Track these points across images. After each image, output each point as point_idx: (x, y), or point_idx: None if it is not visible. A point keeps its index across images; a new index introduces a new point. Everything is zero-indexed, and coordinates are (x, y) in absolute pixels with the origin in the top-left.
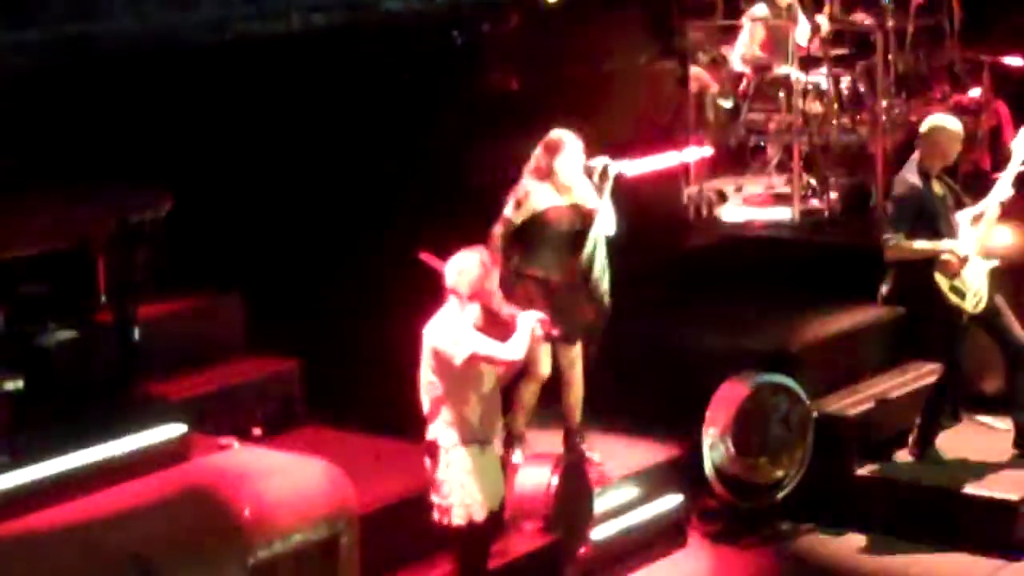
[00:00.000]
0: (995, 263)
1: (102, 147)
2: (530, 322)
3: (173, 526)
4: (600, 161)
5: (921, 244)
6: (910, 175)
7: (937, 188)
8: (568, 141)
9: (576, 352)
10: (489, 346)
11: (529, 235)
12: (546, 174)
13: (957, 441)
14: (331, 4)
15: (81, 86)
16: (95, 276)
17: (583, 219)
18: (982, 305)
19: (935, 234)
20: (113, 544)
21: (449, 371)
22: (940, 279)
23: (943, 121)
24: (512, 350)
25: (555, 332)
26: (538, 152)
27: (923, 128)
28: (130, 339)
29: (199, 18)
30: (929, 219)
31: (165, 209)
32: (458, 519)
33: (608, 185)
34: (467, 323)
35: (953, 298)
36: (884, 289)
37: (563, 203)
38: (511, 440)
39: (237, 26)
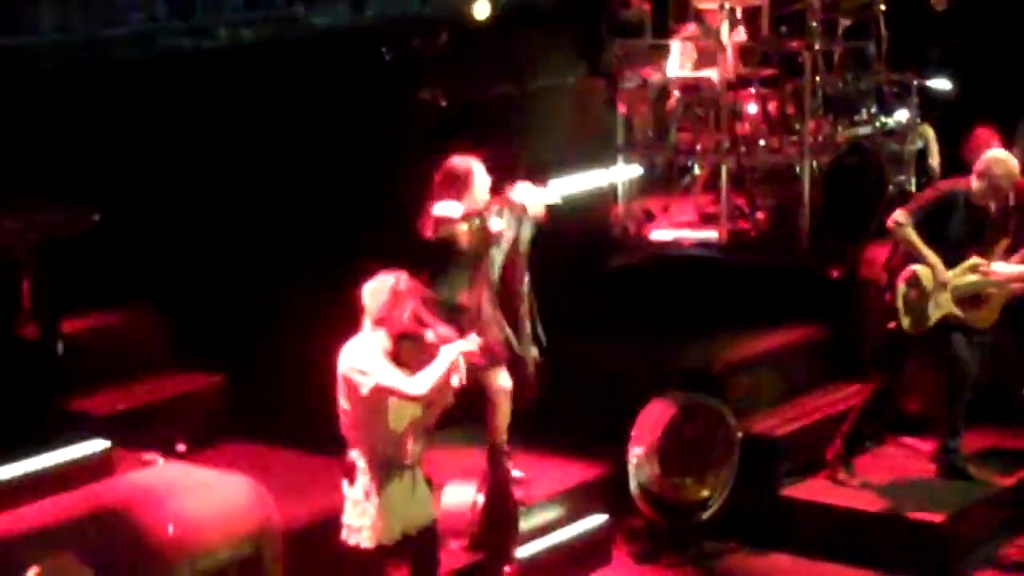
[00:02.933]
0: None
1: (26, 161)
2: (452, 355)
3: (96, 542)
4: (521, 190)
5: (917, 242)
6: (961, 188)
7: (967, 217)
8: (475, 168)
9: (503, 376)
10: (394, 379)
11: (441, 259)
12: (455, 198)
13: (881, 462)
14: (259, 19)
15: (4, 99)
16: (18, 290)
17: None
18: (916, 328)
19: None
20: (34, 559)
21: (358, 398)
22: (903, 285)
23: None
24: (418, 385)
25: (483, 361)
26: (440, 179)
27: (980, 165)
28: (54, 354)
29: (126, 32)
30: (940, 231)
31: (90, 224)
32: (366, 542)
33: (530, 219)
34: (377, 350)
35: (900, 306)
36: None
37: (470, 226)
38: None
39: (165, 41)
